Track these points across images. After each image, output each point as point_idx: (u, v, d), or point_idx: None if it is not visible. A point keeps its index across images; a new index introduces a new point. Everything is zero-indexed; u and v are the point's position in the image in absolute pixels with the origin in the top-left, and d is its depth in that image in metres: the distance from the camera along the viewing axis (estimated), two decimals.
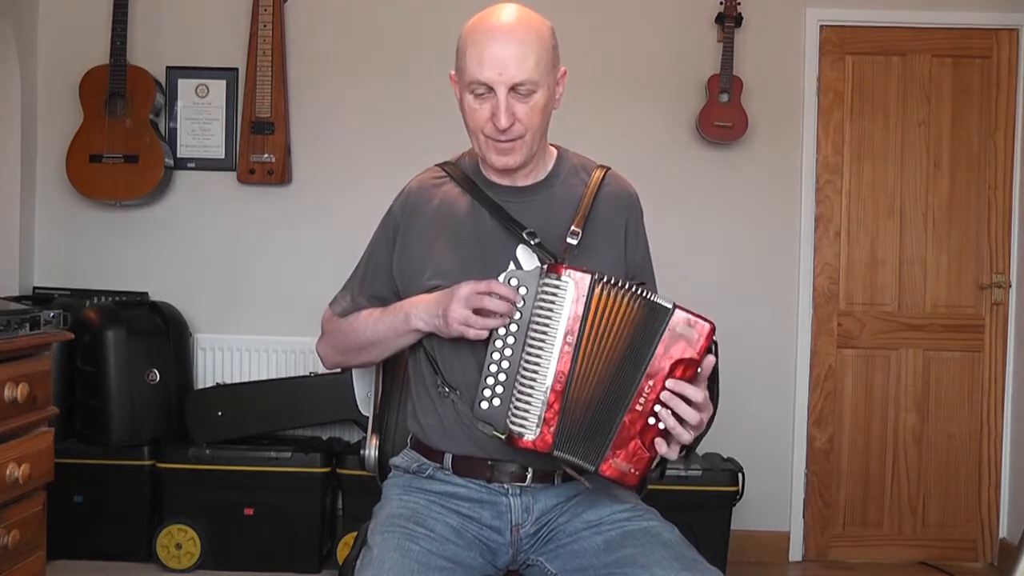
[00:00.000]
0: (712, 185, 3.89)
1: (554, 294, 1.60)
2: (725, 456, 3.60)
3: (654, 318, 1.59)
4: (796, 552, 3.92)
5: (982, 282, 3.91)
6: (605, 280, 1.60)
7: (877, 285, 3.93)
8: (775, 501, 3.87)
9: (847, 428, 3.93)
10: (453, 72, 1.76)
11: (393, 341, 1.78)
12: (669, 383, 1.58)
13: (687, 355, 1.59)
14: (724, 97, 3.79)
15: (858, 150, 3.92)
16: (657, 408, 1.58)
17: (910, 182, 3.92)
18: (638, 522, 1.69)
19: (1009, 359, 3.90)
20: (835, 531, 3.93)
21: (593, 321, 1.59)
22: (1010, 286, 3.90)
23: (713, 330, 1.60)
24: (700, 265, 3.85)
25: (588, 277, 1.59)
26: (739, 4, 3.80)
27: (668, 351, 1.58)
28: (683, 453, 1.63)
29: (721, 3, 3.81)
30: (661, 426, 1.59)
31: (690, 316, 1.59)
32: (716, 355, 1.62)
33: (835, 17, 3.88)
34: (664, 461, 1.64)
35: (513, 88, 1.66)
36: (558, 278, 1.60)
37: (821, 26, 3.88)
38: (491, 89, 1.66)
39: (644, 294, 1.60)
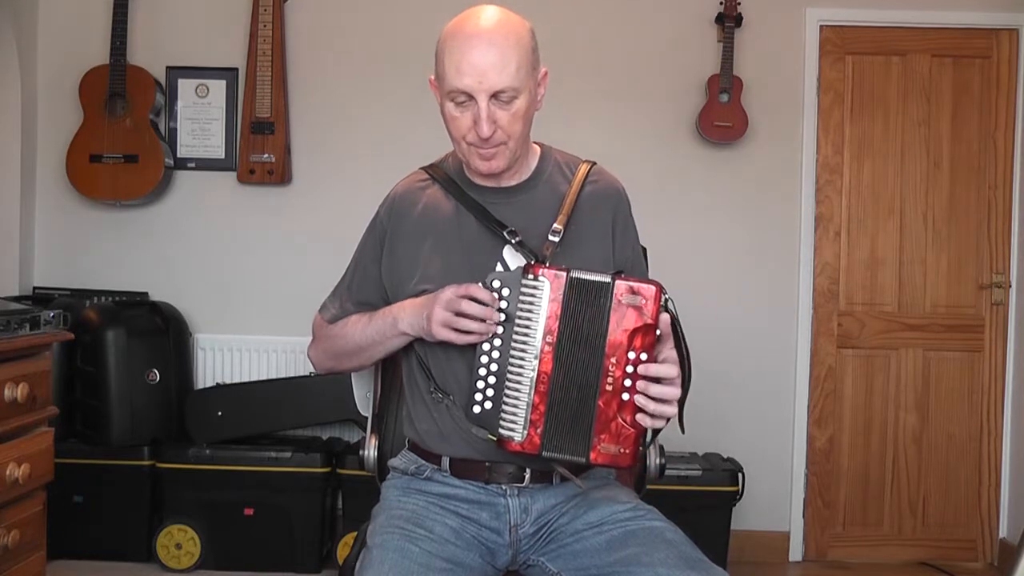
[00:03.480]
0: (712, 185, 3.89)
1: (532, 294, 1.60)
2: (725, 456, 3.60)
3: (597, 295, 1.59)
4: (796, 552, 3.92)
5: (982, 282, 3.90)
6: (579, 278, 1.59)
7: (877, 285, 3.93)
8: (775, 501, 3.87)
9: (847, 428, 3.93)
10: (432, 77, 1.74)
11: (382, 345, 1.78)
12: (640, 368, 1.58)
13: (641, 322, 1.58)
14: (724, 97, 3.79)
15: (858, 150, 3.92)
16: (628, 383, 1.58)
17: (910, 182, 3.92)
18: (641, 521, 1.69)
19: (1009, 359, 3.90)
20: (835, 531, 3.93)
21: (567, 321, 1.59)
22: (1010, 286, 3.90)
23: (660, 290, 1.59)
24: (700, 265, 3.85)
25: (564, 275, 1.59)
26: (739, 4, 3.80)
27: (621, 324, 1.58)
28: (668, 423, 1.62)
29: (721, 3, 3.81)
30: (639, 400, 1.58)
31: (631, 283, 1.59)
32: (672, 312, 1.61)
33: (835, 17, 3.88)
34: (655, 434, 1.63)
35: (494, 96, 1.64)
36: (535, 278, 1.60)
37: (821, 26, 3.88)
38: (471, 97, 1.65)
39: (584, 276, 1.59)
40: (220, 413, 3.55)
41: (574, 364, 1.60)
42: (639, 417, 1.59)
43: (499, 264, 1.73)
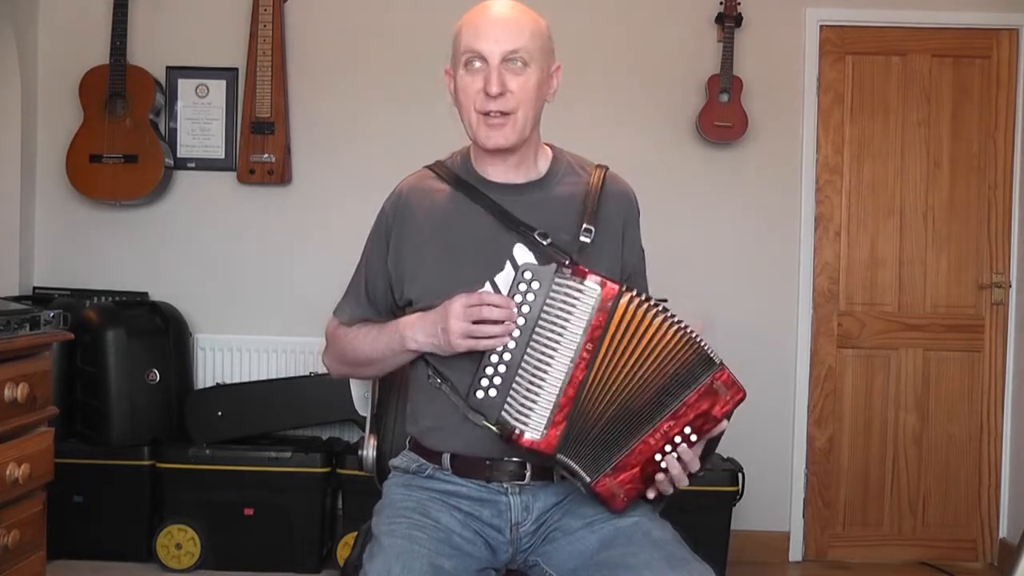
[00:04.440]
0: (712, 185, 3.89)
1: (576, 297, 1.59)
2: (725, 456, 3.60)
3: (700, 366, 1.60)
4: (796, 552, 3.92)
5: (982, 282, 3.90)
6: (634, 294, 1.60)
7: (877, 285, 3.93)
8: (775, 501, 3.87)
9: (847, 428, 3.93)
10: (448, 67, 1.78)
11: (392, 359, 1.78)
12: (682, 449, 1.60)
13: (713, 412, 1.60)
14: (724, 97, 3.79)
15: (858, 150, 3.92)
16: (668, 448, 1.60)
17: (910, 182, 3.92)
18: (631, 518, 1.69)
19: (1009, 359, 3.90)
20: (835, 531, 3.93)
21: (615, 333, 1.59)
22: (1010, 286, 3.90)
23: (743, 398, 1.61)
24: (700, 265, 3.85)
25: (616, 288, 1.59)
26: (739, 4, 3.80)
27: (699, 401, 1.60)
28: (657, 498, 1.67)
29: (721, 3, 3.81)
30: (663, 466, 1.61)
31: (732, 377, 1.61)
32: (729, 418, 1.64)
33: (835, 17, 3.88)
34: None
35: (505, 59, 1.69)
36: (581, 282, 1.60)
37: (821, 26, 3.88)
38: (484, 60, 1.69)
39: (693, 335, 1.60)
40: (220, 413, 3.55)
41: (621, 387, 1.60)
42: (654, 480, 1.62)
43: (508, 262, 1.72)
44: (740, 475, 3.44)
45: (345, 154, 3.91)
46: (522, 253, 1.73)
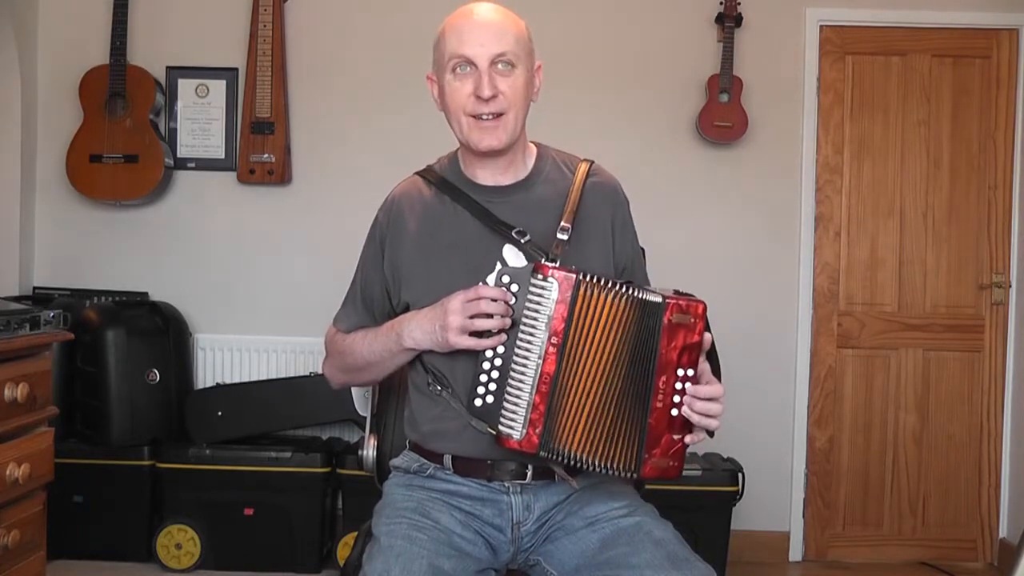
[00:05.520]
0: (712, 185, 3.89)
1: (540, 294, 1.60)
2: (725, 456, 3.60)
3: (650, 314, 1.60)
4: (796, 552, 3.92)
5: (982, 282, 3.90)
6: (591, 280, 1.60)
7: (877, 285, 3.93)
8: (775, 501, 3.87)
9: (847, 428, 3.93)
10: (430, 72, 1.79)
11: (390, 361, 1.79)
12: (690, 389, 1.60)
13: (689, 341, 1.60)
14: (724, 97, 3.79)
15: (858, 150, 3.92)
16: (677, 399, 1.60)
17: (910, 182, 3.92)
18: (632, 518, 1.70)
19: (1009, 359, 3.90)
20: (835, 531, 3.93)
21: (579, 321, 1.59)
22: (1010, 286, 3.90)
23: (705, 308, 1.61)
24: (700, 265, 3.85)
25: (572, 277, 1.60)
26: (739, 4, 3.80)
27: (672, 342, 1.60)
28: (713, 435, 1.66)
29: (721, 3, 3.81)
30: (685, 412, 1.60)
31: (681, 302, 1.60)
32: (709, 329, 1.63)
33: (835, 17, 3.88)
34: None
35: (494, 62, 1.69)
36: (544, 278, 1.60)
37: (821, 26, 3.88)
38: (472, 64, 1.69)
39: (632, 292, 1.60)
40: (220, 413, 3.55)
41: (599, 373, 1.60)
42: (687, 438, 1.62)
43: (498, 263, 1.73)
44: (740, 475, 3.44)
45: (345, 154, 3.91)
46: (511, 254, 1.73)
